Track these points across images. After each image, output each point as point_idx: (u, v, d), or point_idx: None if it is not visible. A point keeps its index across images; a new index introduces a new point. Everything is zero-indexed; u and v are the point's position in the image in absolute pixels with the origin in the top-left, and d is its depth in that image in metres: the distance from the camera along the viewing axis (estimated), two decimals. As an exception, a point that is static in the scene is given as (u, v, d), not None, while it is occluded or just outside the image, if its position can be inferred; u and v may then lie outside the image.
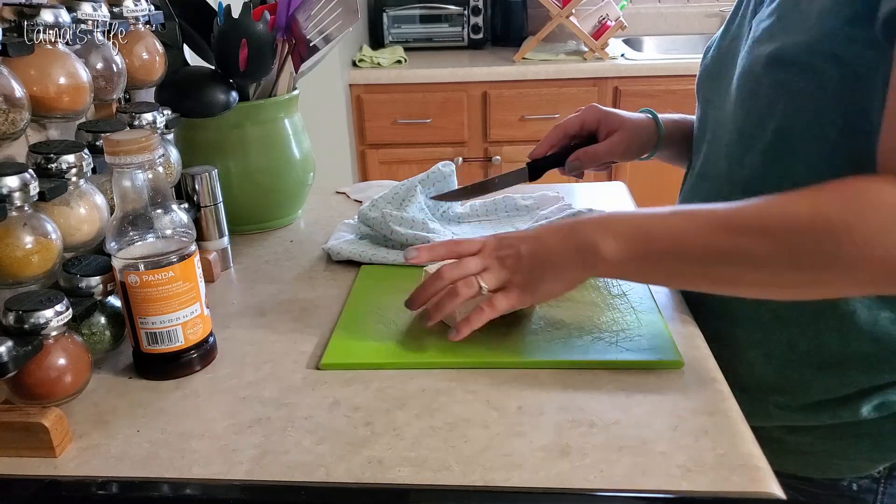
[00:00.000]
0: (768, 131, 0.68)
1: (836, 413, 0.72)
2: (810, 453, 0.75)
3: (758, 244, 0.57)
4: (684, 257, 0.61)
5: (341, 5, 0.93)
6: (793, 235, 0.56)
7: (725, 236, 0.59)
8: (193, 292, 0.66)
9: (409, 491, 0.53)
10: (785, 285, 0.59)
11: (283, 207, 1.03)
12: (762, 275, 0.59)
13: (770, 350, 0.73)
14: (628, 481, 0.52)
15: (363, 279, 0.85)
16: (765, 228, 0.57)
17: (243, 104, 0.94)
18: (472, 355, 0.68)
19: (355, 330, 0.74)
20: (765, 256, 0.57)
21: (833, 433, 0.73)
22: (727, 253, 0.59)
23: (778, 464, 0.76)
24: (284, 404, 0.63)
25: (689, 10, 2.71)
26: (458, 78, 2.23)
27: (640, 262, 0.63)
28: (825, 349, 0.70)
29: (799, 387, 0.73)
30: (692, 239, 0.60)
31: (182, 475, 0.55)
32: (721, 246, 0.59)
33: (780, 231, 0.57)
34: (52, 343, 0.59)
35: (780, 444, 0.76)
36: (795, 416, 0.74)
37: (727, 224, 0.59)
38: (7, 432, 0.57)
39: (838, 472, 0.74)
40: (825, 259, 0.55)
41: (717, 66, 0.79)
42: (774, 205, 0.58)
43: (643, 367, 0.66)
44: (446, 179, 0.99)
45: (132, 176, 0.62)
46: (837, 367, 0.70)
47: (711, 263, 0.60)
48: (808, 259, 0.56)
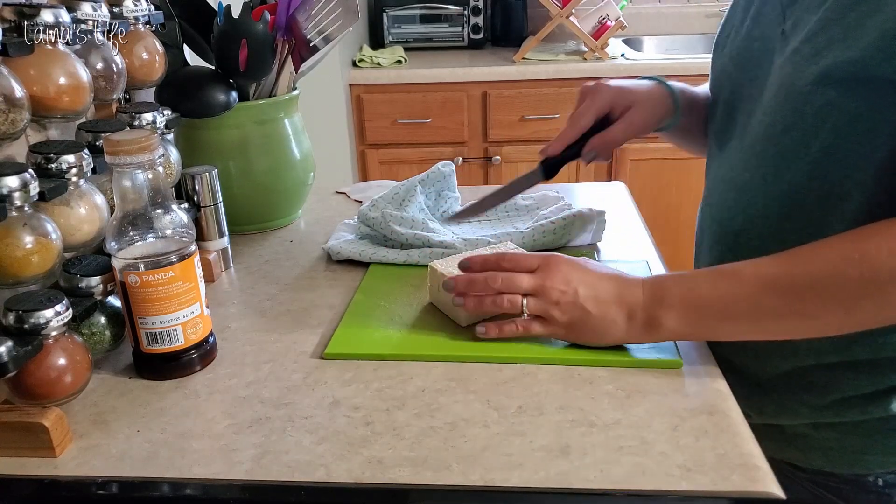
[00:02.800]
0: (813, 150, 0.66)
1: (866, 409, 0.71)
2: (837, 449, 0.74)
3: (811, 305, 0.60)
4: (738, 320, 0.63)
5: (341, 5, 0.93)
6: (844, 294, 0.59)
7: (777, 299, 0.61)
8: (193, 292, 0.66)
9: (409, 491, 0.53)
10: (845, 328, 0.62)
11: (283, 207, 1.03)
12: (817, 325, 0.62)
13: (798, 358, 0.73)
14: (628, 481, 0.53)
15: (372, 276, 0.85)
16: (815, 289, 0.60)
17: (243, 104, 0.94)
18: (475, 350, 0.69)
19: (361, 323, 0.74)
20: (818, 314, 0.60)
21: (860, 429, 0.72)
22: (780, 314, 0.61)
23: (804, 459, 0.76)
24: (284, 404, 0.63)
25: (689, 10, 2.70)
26: (458, 78, 2.23)
27: (695, 328, 0.65)
28: (856, 348, 0.69)
29: (828, 384, 0.72)
30: (744, 303, 0.62)
31: (182, 475, 0.55)
32: (774, 308, 0.61)
33: (831, 289, 0.59)
34: (52, 343, 0.59)
35: (805, 439, 0.76)
36: (824, 413, 0.73)
37: (776, 286, 0.61)
38: (7, 432, 0.57)
39: (865, 468, 0.74)
40: (876, 308, 0.58)
41: (739, 70, 0.76)
42: (821, 260, 0.60)
43: (642, 366, 0.66)
44: (446, 179, 0.99)
45: (132, 176, 0.62)
46: (868, 364, 0.70)
47: (765, 322, 0.63)
48: (860, 311, 0.59)
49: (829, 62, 0.62)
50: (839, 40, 0.61)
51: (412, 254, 0.88)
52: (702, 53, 2.51)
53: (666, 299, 0.64)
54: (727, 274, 0.64)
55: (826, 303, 0.59)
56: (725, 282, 0.63)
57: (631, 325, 0.65)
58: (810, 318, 0.61)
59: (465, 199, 1.03)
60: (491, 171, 2.33)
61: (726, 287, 0.63)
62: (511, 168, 2.31)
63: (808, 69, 0.64)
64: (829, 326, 0.62)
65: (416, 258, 0.87)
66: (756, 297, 0.62)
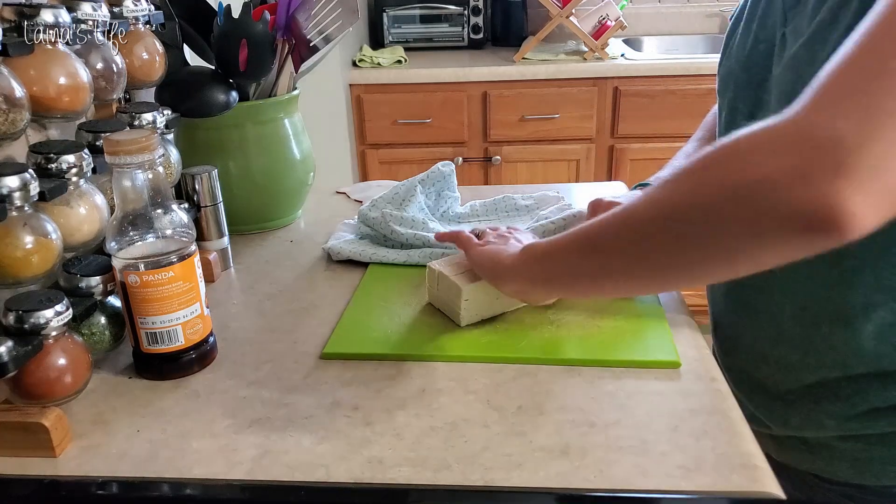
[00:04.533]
0: None
1: (893, 420, 0.69)
2: (864, 460, 0.73)
3: (610, 245, 0.58)
4: (563, 265, 0.63)
5: (341, 5, 0.93)
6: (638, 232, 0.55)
7: (590, 241, 0.60)
8: (193, 292, 0.66)
9: (409, 491, 0.53)
10: (652, 284, 0.60)
11: (283, 207, 1.03)
12: (618, 277, 0.59)
13: (824, 371, 0.71)
14: (628, 481, 0.53)
15: (371, 276, 0.85)
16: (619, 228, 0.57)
17: (243, 104, 0.94)
18: (475, 350, 0.69)
19: (359, 322, 0.75)
20: (614, 253, 0.57)
21: (887, 439, 0.71)
22: (589, 258, 0.60)
23: (830, 471, 0.75)
24: (284, 404, 0.63)
25: (689, 10, 2.70)
26: (458, 78, 2.23)
27: (565, 253, 0.63)
28: (884, 365, 0.68)
29: (855, 395, 0.71)
30: (567, 246, 0.62)
31: (182, 475, 0.55)
32: (585, 251, 0.60)
33: (631, 226, 0.56)
34: (52, 343, 0.59)
35: (831, 451, 0.74)
36: (851, 425, 0.72)
37: (625, 211, 0.57)
38: (7, 432, 0.57)
39: (894, 479, 0.72)
40: (665, 256, 0.54)
41: (745, 72, 0.75)
42: (631, 206, 0.56)
43: (641, 366, 0.66)
44: (446, 179, 0.99)
45: (132, 176, 0.62)
46: None
47: (578, 262, 0.61)
48: (652, 256, 0.55)
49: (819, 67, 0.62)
50: (836, 44, 0.61)
51: (412, 254, 0.88)
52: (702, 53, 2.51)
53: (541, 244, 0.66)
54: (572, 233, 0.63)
55: (622, 243, 0.56)
56: (569, 235, 0.62)
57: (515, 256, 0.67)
58: (609, 266, 0.58)
59: (465, 199, 1.03)
60: (491, 171, 2.33)
61: (567, 236, 0.62)
62: (511, 168, 2.32)
63: (808, 74, 0.64)
64: (630, 276, 0.58)
65: (416, 258, 0.87)
66: (576, 240, 0.61)
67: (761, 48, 0.73)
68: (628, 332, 0.71)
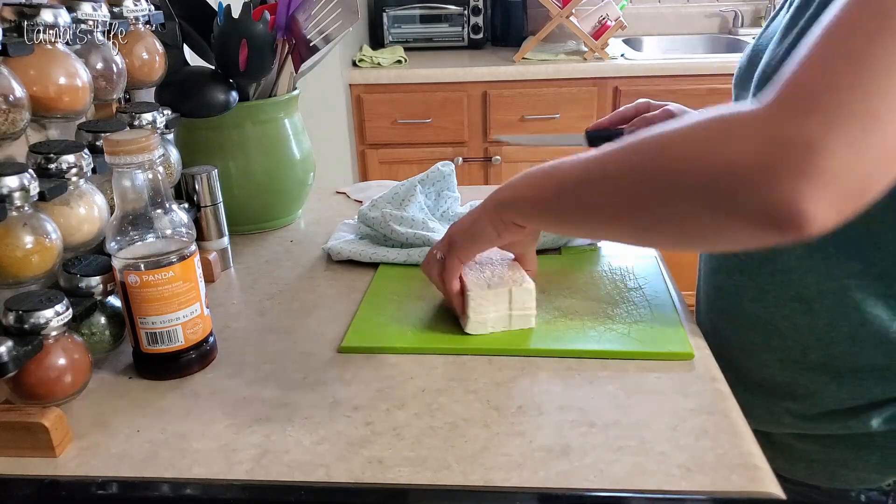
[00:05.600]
0: None
1: (846, 423, 0.71)
2: (819, 461, 0.74)
3: (604, 189, 0.56)
4: (556, 199, 0.61)
5: (341, 5, 0.93)
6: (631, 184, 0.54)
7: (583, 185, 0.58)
8: (193, 292, 0.66)
9: (409, 491, 0.53)
10: (639, 234, 0.58)
11: (283, 207, 1.03)
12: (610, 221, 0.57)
13: (784, 356, 0.73)
14: (628, 481, 0.53)
15: (382, 275, 0.86)
16: (613, 169, 0.56)
17: (243, 104, 0.94)
18: (489, 343, 0.70)
19: (374, 318, 0.75)
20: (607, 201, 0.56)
21: (842, 443, 0.72)
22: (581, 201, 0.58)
23: (787, 470, 0.76)
24: (284, 404, 0.63)
25: (689, 10, 2.70)
26: (458, 78, 2.23)
27: (534, 189, 0.63)
28: (839, 358, 0.69)
29: (811, 395, 0.72)
30: (562, 180, 0.60)
31: (182, 475, 0.55)
32: (578, 193, 0.58)
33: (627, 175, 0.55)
34: (52, 343, 0.59)
35: (789, 450, 0.76)
36: (806, 425, 0.73)
37: (587, 166, 0.58)
38: (7, 432, 0.57)
39: (846, 483, 0.73)
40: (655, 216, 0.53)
41: (751, 70, 0.75)
42: (628, 149, 0.55)
43: (654, 357, 0.67)
44: (446, 179, 0.99)
45: (132, 176, 0.62)
46: (850, 376, 0.69)
47: (567, 203, 0.60)
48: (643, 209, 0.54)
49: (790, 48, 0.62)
50: (803, 30, 0.62)
51: (412, 253, 0.88)
52: (702, 53, 2.51)
53: (515, 182, 0.66)
54: (558, 163, 0.62)
55: (617, 191, 0.55)
56: (559, 167, 0.61)
57: (489, 201, 0.67)
58: (601, 205, 0.57)
59: (465, 199, 1.03)
60: (491, 171, 2.33)
61: (560, 170, 0.61)
62: (511, 168, 2.31)
63: (778, 55, 0.64)
64: (620, 223, 0.57)
65: (416, 258, 0.87)
66: (583, 164, 0.59)
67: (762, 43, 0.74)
68: (641, 325, 0.72)
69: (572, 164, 0.59)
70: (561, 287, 0.79)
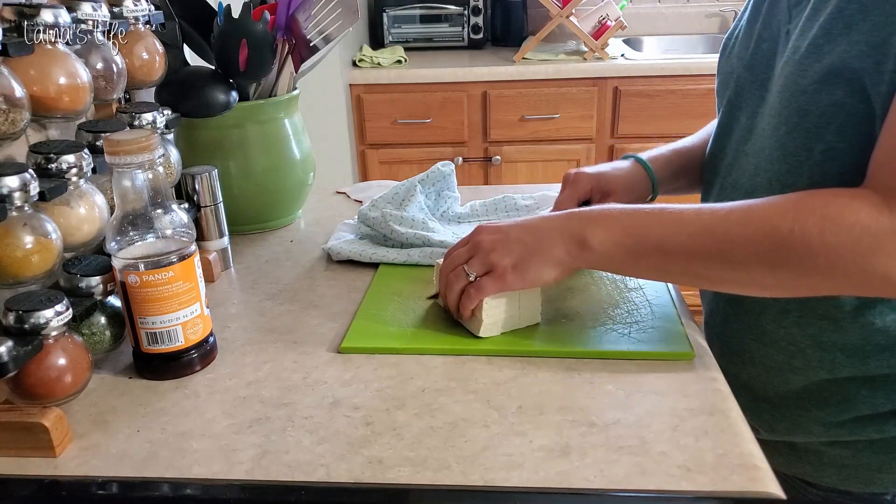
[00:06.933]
0: (815, 153, 0.65)
1: (883, 427, 0.70)
2: (852, 466, 0.73)
3: (741, 253, 0.61)
4: (670, 255, 0.64)
5: (341, 5, 0.93)
6: (773, 246, 0.59)
7: (711, 241, 0.62)
8: (193, 292, 0.66)
9: (409, 491, 0.53)
10: (766, 287, 0.63)
11: (283, 207, 1.03)
12: (742, 276, 0.62)
13: (810, 373, 0.72)
14: (628, 481, 0.53)
15: (382, 274, 0.86)
16: (748, 238, 0.60)
17: (243, 104, 0.94)
18: (489, 343, 0.70)
19: (375, 318, 0.75)
20: (746, 262, 0.61)
21: (876, 446, 0.71)
22: (710, 256, 0.62)
23: (817, 477, 0.75)
24: (284, 404, 0.63)
25: (689, 10, 2.70)
26: (458, 78, 2.23)
27: (627, 254, 0.65)
28: (870, 367, 0.69)
29: (844, 401, 0.71)
30: (680, 239, 0.63)
31: (182, 475, 0.55)
32: (707, 249, 0.62)
33: (762, 241, 0.60)
34: (52, 343, 0.59)
35: (818, 456, 0.75)
36: (838, 432, 0.72)
37: (713, 230, 0.62)
38: (7, 432, 0.57)
39: (881, 486, 0.73)
40: (802, 269, 0.59)
41: (749, 71, 0.75)
42: (758, 213, 0.61)
43: (654, 357, 0.67)
44: (446, 179, 0.99)
45: (132, 176, 0.62)
46: (884, 380, 0.69)
47: (695, 262, 0.63)
48: (786, 268, 0.59)
49: (832, 59, 0.62)
50: (841, 36, 0.61)
51: (412, 253, 0.88)
52: (701, 53, 2.51)
53: (604, 219, 0.66)
54: (668, 211, 0.65)
55: (757, 255, 0.60)
56: (666, 217, 0.64)
57: (566, 243, 0.66)
58: (736, 265, 0.61)
59: (465, 199, 1.03)
60: (491, 171, 2.33)
61: (667, 221, 0.64)
62: (511, 168, 2.32)
63: (812, 67, 0.64)
64: (753, 280, 0.62)
65: (416, 258, 0.87)
66: (692, 236, 0.63)
67: (764, 47, 0.73)
68: (642, 325, 0.71)
69: (675, 229, 0.64)
70: (561, 287, 0.80)
